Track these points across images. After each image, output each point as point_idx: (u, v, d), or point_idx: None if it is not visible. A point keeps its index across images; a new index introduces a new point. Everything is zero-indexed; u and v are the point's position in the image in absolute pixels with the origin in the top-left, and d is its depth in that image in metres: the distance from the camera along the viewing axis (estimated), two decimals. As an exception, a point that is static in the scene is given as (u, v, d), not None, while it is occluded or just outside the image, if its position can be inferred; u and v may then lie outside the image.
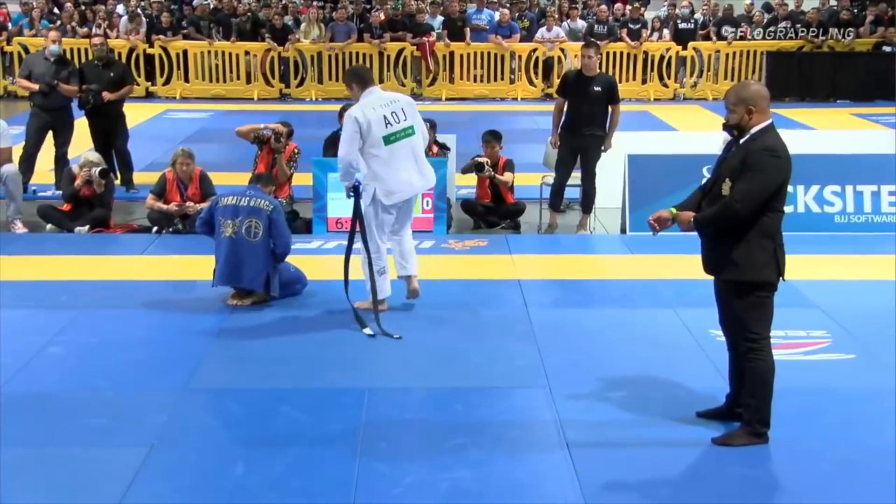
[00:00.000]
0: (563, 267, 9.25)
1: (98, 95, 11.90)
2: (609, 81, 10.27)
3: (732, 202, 5.27)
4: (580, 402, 6.13)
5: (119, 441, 5.58)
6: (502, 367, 6.71)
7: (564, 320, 7.69)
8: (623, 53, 20.75)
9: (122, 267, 9.03)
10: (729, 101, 5.44)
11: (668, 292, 8.22)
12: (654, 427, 5.78)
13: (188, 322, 7.57)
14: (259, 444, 5.58)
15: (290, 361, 6.81)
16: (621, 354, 6.94)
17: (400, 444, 5.57)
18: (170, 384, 6.37)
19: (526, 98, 20.60)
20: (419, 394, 6.27)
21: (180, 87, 20.53)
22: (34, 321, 7.55)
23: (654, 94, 20.80)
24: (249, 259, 7.73)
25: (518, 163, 12.86)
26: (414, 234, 9.09)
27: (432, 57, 20.60)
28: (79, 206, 10.30)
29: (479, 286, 8.52)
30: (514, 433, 5.74)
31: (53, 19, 21.35)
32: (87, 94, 11.95)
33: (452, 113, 17.17)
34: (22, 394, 6.21)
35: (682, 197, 5.78)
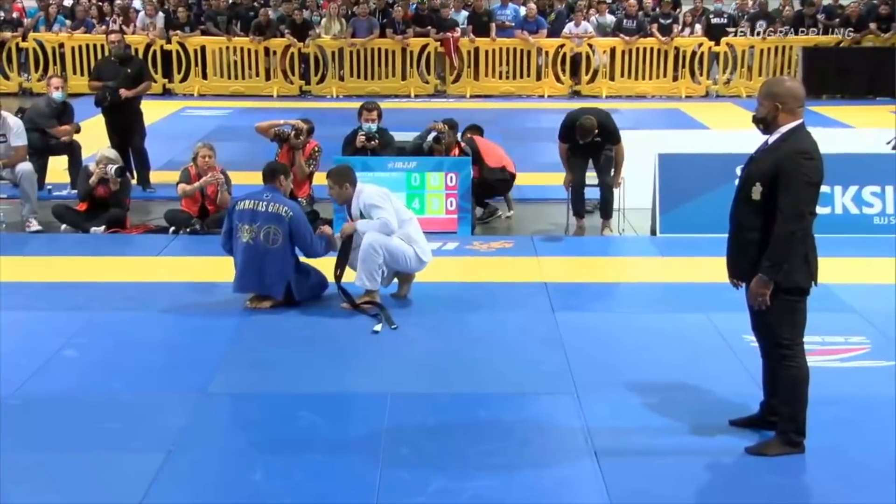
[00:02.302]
0: (590, 269, 9.24)
1: (115, 93, 11.98)
2: (605, 127, 10.14)
3: (785, 224, 5.21)
4: (608, 408, 6.12)
5: (135, 446, 5.62)
6: (528, 373, 6.71)
7: (592, 324, 7.68)
8: (653, 49, 20.70)
9: (139, 268, 9.10)
10: (760, 94, 5.45)
11: (700, 296, 8.18)
12: (685, 435, 5.76)
13: (206, 324, 7.61)
14: (278, 449, 5.60)
15: (310, 365, 6.84)
16: (651, 360, 6.92)
17: (423, 451, 5.58)
18: (187, 388, 6.41)
19: (553, 95, 20.57)
20: (443, 399, 6.28)
21: (198, 84, 20.63)
22: (49, 323, 7.61)
23: (686, 92, 20.73)
24: (268, 265, 7.76)
25: (544, 162, 12.88)
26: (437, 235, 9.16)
27: (457, 53, 20.61)
28: (94, 206, 10.37)
29: (504, 289, 8.52)
30: (540, 440, 5.74)
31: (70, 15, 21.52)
32: (104, 91, 12.03)
33: (477, 111, 17.17)
34: (37, 397, 6.26)
35: (714, 198, 5.81)
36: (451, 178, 10.34)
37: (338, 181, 7.93)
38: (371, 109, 10.81)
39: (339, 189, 7.91)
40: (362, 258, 7.78)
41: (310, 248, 7.91)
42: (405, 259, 7.91)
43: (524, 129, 16.66)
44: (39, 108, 11.74)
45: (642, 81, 20.84)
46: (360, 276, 7.84)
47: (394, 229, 7.84)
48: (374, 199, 7.88)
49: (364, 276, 7.83)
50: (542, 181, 12.33)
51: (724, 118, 17.55)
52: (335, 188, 7.93)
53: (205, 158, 10.13)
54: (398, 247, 7.85)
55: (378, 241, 7.76)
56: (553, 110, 18.00)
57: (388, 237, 7.80)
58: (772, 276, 5.28)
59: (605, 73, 20.82)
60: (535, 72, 20.93)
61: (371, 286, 7.86)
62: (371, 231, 7.78)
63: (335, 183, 7.93)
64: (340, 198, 7.99)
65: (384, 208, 7.85)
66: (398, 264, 7.92)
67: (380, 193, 7.99)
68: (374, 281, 7.85)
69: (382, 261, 7.80)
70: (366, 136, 10.68)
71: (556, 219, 10.80)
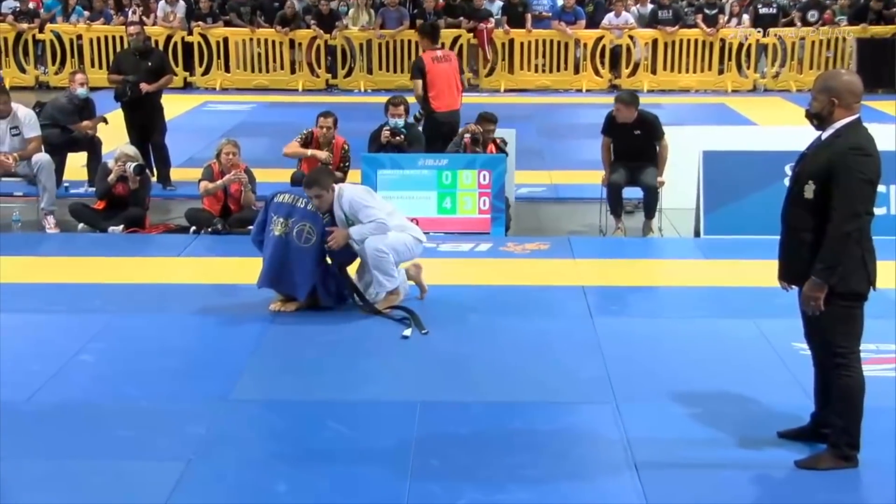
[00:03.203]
0: (630, 272, 9.20)
1: (135, 87, 12.06)
2: (649, 121, 10.26)
3: (839, 224, 5.17)
4: (650, 419, 6.09)
5: (154, 454, 5.64)
6: (565, 381, 6.69)
7: (632, 330, 7.64)
8: (698, 41, 20.60)
9: (159, 269, 9.14)
10: (814, 88, 5.41)
11: (747, 301, 8.14)
12: (730, 448, 5.72)
13: (228, 328, 7.64)
14: (303, 459, 5.61)
15: (336, 371, 6.84)
16: (695, 368, 6.89)
17: (454, 463, 5.57)
18: (208, 394, 6.43)
19: (591, 90, 20.52)
20: (475, 408, 6.27)
21: (220, 78, 20.73)
22: (65, 326, 7.66)
23: (732, 86, 20.63)
24: (297, 264, 7.77)
25: (581, 160, 12.86)
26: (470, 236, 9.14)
27: (490, 45, 20.59)
28: (113, 205, 10.43)
29: (539, 292, 8.50)
30: (577, 452, 5.72)
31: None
32: (125, 86, 12.12)
33: (511, 106, 17.16)
34: (52, 403, 6.30)
35: (761, 198, 5.77)
36: (485, 176, 10.32)
37: (325, 185, 7.79)
38: (398, 104, 10.81)
39: (327, 193, 7.78)
40: (374, 264, 7.78)
41: (341, 255, 7.90)
42: (407, 249, 7.97)
43: (561, 126, 16.64)
44: (60, 103, 11.83)
45: (686, 75, 20.75)
46: (377, 281, 7.84)
47: (389, 228, 7.85)
48: (361, 199, 7.86)
49: (383, 280, 7.82)
50: (580, 180, 12.31)
51: (773, 114, 17.45)
52: (324, 194, 7.74)
53: (229, 155, 10.17)
54: (399, 240, 7.90)
55: (381, 242, 7.77)
56: (591, 105, 17.96)
57: (385, 236, 7.82)
58: (826, 280, 5.23)
59: (646, 66, 20.74)
60: (572, 65, 20.88)
61: (391, 285, 7.86)
62: (369, 236, 7.79)
63: (323, 189, 7.75)
64: (326, 204, 7.80)
65: (373, 206, 7.85)
66: (403, 256, 7.98)
67: (364, 190, 8.03)
68: (393, 279, 7.87)
69: (391, 259, 7.82)
70: (391, 131, 10.68)
71: (593, 219, 10.77)
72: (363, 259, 7.94)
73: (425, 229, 8.51)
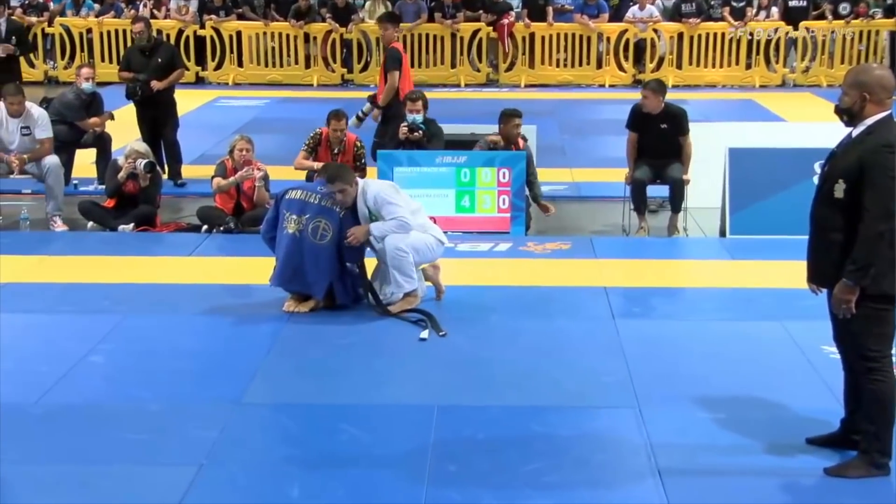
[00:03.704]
0: (654, 273, 9.18)
1: (146, 86, 12.11)
2: (676, 115, 10.27)
3: (871, 224, 5.15)
4: (674, 424, 6.08)
5: (165, 459, 5.67)
6: (586, 385, 6.68)
7: (656, 332, 7.64)
8: (725, 34, 20.54)
9: (170, 269, 9.18)
10: (845, 83, 5.40)
11: (774, 302, 8.12)
12: (757, 454, 5.71)
13: (241, 330, 7.66)
14: (317, 464, 5.62)
15: (351, 374, 6.86)
16: (720, 372, 6.87)
17: (472, 468, 5.58)
18: (220, 397, 6.45)
19: (615, 85, 20.50)
20: (493, 412, 6.27)
21: (233, 72, 20.78)
22: (74, 327, 7.69)
23: (760, 81, 20.56)
24: (312, 261, 7.78)
25: (604, 157, 12.84)
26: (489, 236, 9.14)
27: (510, 39, 20.59)
28: (123, 203, 10.46)
29: (560, 293, 8.50)
30: (599, 458, 5.72)
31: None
32: (134, 85, 12.17)
33: (532, 101, 17.15)
34: (61, 406, 6.33)
35: (789, 196, 5.75)
36: (504, 173, 10.32)
37: (348, 180, 7.81)
38: (415, 99, 10.82)
39: (351, 188, 7.80)
40: (393, 264, 7.79)
41: (353, 253, 7.91)
42: (428, 250, 7.97)
43: (583, 122, 16.62)
44: (67, 99, 11.87)
45: (712, 70, 20.69)
46: (395, 281, 7.86)
47: (411, 226, 7.86)
48: (387, 195, 7.86)
49: (401, 280, 7.84)
50: (602, 178, 12.30)
51: (802, 110, 17.40)
52: (347, 188, 7.76)
53: (242, 152, 10.19)
54: (420, 241, 7.90)
55: (402, 241, 7.78)
56: (614, 101, 17.96)
57: (407, 234, 7.82)
58: (857, 282, 5.21)
59: (671, 60, 20.70)
60: (595, 59, 20.85)
61: (410, 287, 7.86)
62: (390, 234, 7.80)
63: (347, 183, 7.77)
64: (349, 199, 7.82)
65: (398, 204, 7.86)
66: (424, 258, 7.97)
67: (390, 186, 8.02)
68: (412, 280, 7.87)
69: (412, 259, 7.82)
70: (409, 127, 10.68)
71: (616, 218, 10.76)
72: (381, 258, 7.95)
73: (443, 228, 8.51)
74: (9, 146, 10.62)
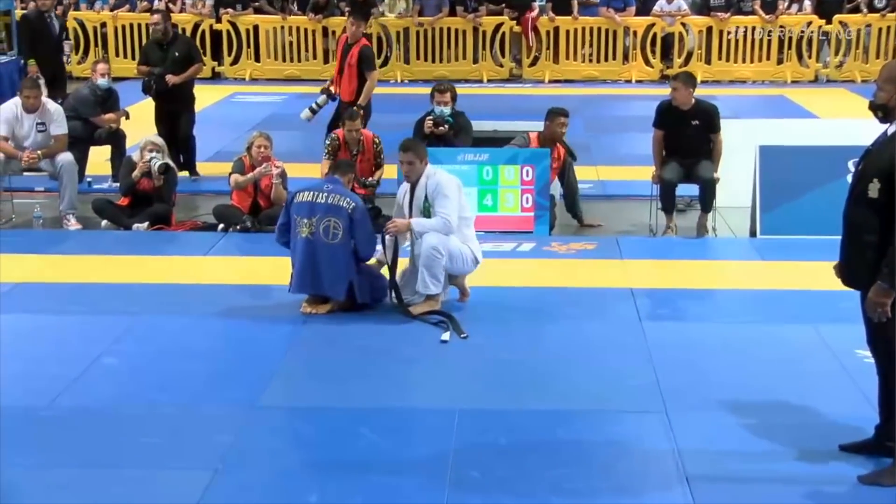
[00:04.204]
0: (682, 274, 9.17)
1: (161, 80, 12.15)
2: (708, 111, 10.23)
3: None
4: (702, 429, 6.07)
5: (179, 463, 5.69)
6: (612, 388, 6.68)
7: (684, 335, 7.63)
8: (755, 29, 20.47)
9: (185, 268, 9.21)
10: (880, 78, 5.39)
11: (806, 305, 8.11)
12: (788, 461, 5.69)
13: (257, 331, 7.68)
14: (335, 470, 5.63)
15: (371, 377, 6.87)
16: (751, 376, 6.85)
17: (494, 474, 5.57)
18: (236, 400, 6.47)
19: (641, 80, 20.44)
20: (516, 417, 6.27)
21: (250, 68, 20.82)
22: (87, 328, 7.73)
23: (792, 76, 20.47)
24: (328, 263, 7.79)
25: (630, 154, 12.80)
26: (512, 235, 9.13)
27: (534, 33, 20.57)
28: (137, 201, 10.49)
29: (585, 295, 8.49)
30: (625, 464, 5.71)
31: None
32: (150, 79, 12.22)
33: (556, 97, 17.10)
34: (73, 408, 6.37)
35: (822, 195, 5.74)
36: (528, 171, 10.31)
37: (420, 155, 8.00)
38: (444, 91, 10.79)
39: (419, 164, 7.96)
40: (425, 263, 7.81)
41: (367, 247, 7.93)
42: (462, 261, 7.97)
43: (609, 118, 16.59)
44: (82, 95, 11.92)
45: (742, 65, 20.61)
46: (422, 280, 7.87)
47: (453, 230, 7.87)
48: (448, 189, 7.89)
49: (428, 281, 7.85)
50: (628, 176, 12.26)
51: (836, 106, 17.31)
52: (416, 162, 7.94)
53: (260, 149, 10.21)
54: (457, 248, 7.91)
55: (440, 242, 7.79)
56: (641, 97, 17.92)
57: (447, 237, 7.82)
58: (892, 284, 5.18)
59: (699, 55, 20.63)
60: (621, 54, 20.79)
61: (435, 290, 7.88)
62: (430, 232, 7.80)
63: (418, 157, 7.96)
64: (415, 174, 7.97)
65: (453, 201, 7.87)
66: (454, 267, 7.96)
67: (455, 183, 8.02)
68: (438, 284, 7.88)
69: (444, 263, 7.83)
70: (434, 120, 10.64)
71: (643, 218, 10.73)
72: (414, 254, 7.95)
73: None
74: (23, 142, 10.65)
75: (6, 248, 9.61)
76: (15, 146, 10.61)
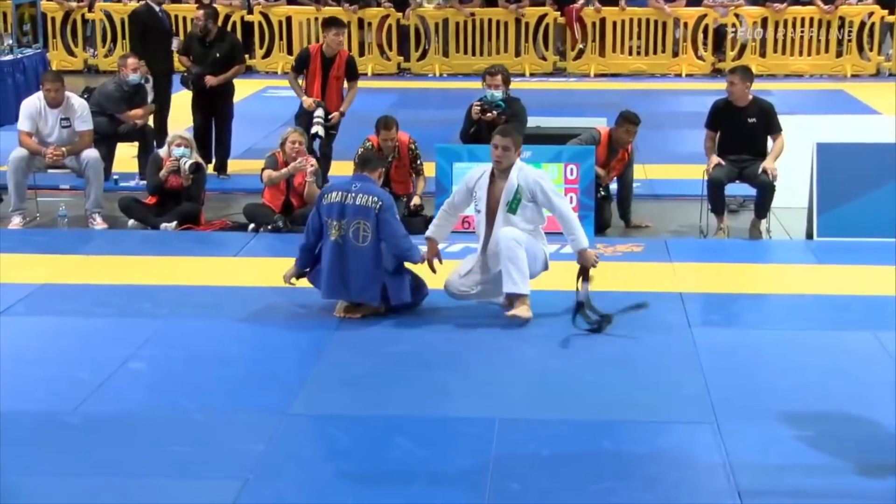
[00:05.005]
0: (734, 278, 9.14)
1: (199, 80, 12.25)
2: (766, 110, 10.19)
3: None
4: (755, 441, 6.05)
5: (208, 472, 5.72)
6: (659, 398, 6.66)
7: (736, 343, 7.60)
8: (813, 20, 20.36)
9: (215, 270, 9.27)
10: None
11: (866, 310, 8.06)
12: (847, 475, 5.66)
13: (289, 335, 7.72)
14: (369, 480, 5.65)
15: (406, 384, 6.88)
16: (807, 385, 6.83)
17: (536, 486, 5.57)
18: (267, 408, 6.50)
19: (692, 74, 20.38)
20: (559, 427, 6.27)
21: (282, 61, 20.88)
22: (114, 331, 7.79)
23: (852, 70, 20.35)
24: (356, 267, 7.81)
25: (679, 152, 12.77)
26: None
27: (580, 24, 20.54)
28: (165, 200, 10.56)
29: (632, 300, 8.44)
30: (673, 477, 5.70)
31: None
32: (188, 78, 12.33)
33: (602, 92, 17.13)
34: (99, 415, 6.42)
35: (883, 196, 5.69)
36: (572, 170, 10.29)
37: (517, 143, 8.00)
38: (494, 73, 10.74)
39: (513, 152, 7.95)
40: (508, 255, 7.72)
41: (399, 243, 7.87)
42: (534, 260, 7.94)
43: (657, 114, 16.45)
44: (108, 89, 12.00)
45: (799, 58, 20.51)
46: (509, 277, 7.76)
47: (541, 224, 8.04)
48: (550, 184, 7.94)
49: (516, 277, 7.75)
50: (677, 174, 12.24)
51: (898, 101, 17.18)
52: (511, 149, 7.91)
53: (294, 144, 10.24)
54: (532, 244, 7.90)
55: (516, 234, 7.77)
56: (691, 92, 17.88)
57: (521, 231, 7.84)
58: None
59: (754, 48, 20.55)
60: (671, 47, 20.75)
61: (525, 289, 7.80)
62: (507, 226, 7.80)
63: (515, 145, 7.95)
64: (507, 162, 7.94)
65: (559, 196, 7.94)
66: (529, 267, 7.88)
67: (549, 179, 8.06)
68: (527, 281, 7.81)
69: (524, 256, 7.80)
70: (481, 106, 10.57)
71: (693, 218, 10.69)
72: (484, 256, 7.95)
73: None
74: (47, 138, 10.71)
75: (30, 247, 9.72)
76: (38, 142, 10.69)
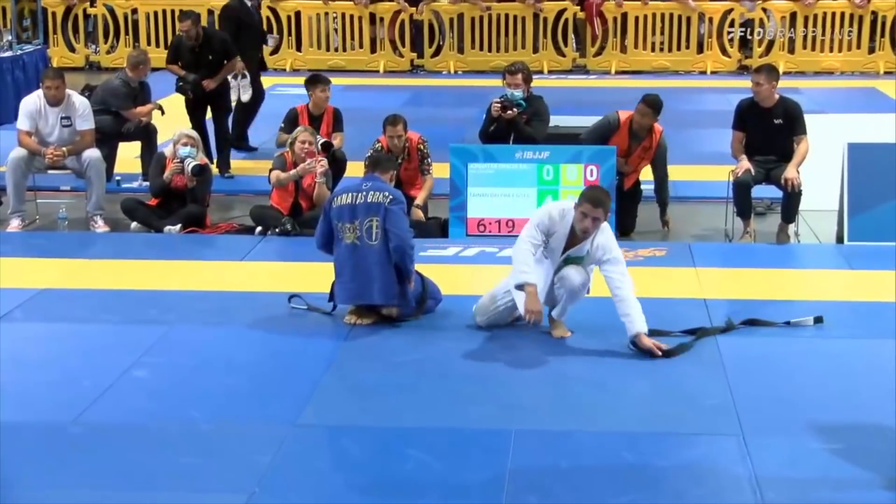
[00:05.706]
0: (761, 284, 9.14)
1: (196, 87, 12.34)
2: (791, 111, 10.19)
3: None
4: (782, 454, 6.05)
5: (214, 485, 5.73)
6: (683, 409, 6.66)
7: (763, 351, 7.59)
8: (844, 14, 20.32)
9: (221, 274, 9.30)
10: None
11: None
12: (877, 490, 5.65)
13: (298, 343, 7.73)
14: (381, 493, 5.66)
15: (420, 394, 6.90)
16: (837, 396, 6.82)
17: (554, 499, 5.58)
18: (275, 418, 6.52)
19: (717, 71, 20.38)
20: (578, 438, 6.27)
21: (291, 58, 20.97)
22: (116, 338, 7.81)
23: (885, 67, 20.31)
24: (377, 268, 7.82)
25: (706, 152, 12.77)
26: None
27: (600, 19, 20.55)
28: (169, 201, 10.60)
29: (655, 306, 8.43)
30: (697, 491, 5.70)
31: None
32: (185, 87, 12.40)
33: (623, 90, 17.08)
34: (102, 424, 6.44)
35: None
36: (592, 171, 10.30)
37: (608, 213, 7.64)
38: (514, 72, 10.74)
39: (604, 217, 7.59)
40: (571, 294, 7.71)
41: (404, 236, 7.82)
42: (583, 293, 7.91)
43: (681, 113, 16.43)
44: (113, 86, 12.03)
45: (829, 55, 20.49)
46: (563, 308, 7.79)
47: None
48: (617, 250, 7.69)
49: (569, 309, 7.82)
50: (702, 176, 12.24)
51: (932, 100, 17.17)
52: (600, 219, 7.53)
53: (304, 144, 10.27)
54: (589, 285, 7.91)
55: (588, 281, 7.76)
56: (717, 89, 17.87)
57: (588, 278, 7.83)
58: None
59: (782, 44, 20.52)
60: (695, 43, 20.75)
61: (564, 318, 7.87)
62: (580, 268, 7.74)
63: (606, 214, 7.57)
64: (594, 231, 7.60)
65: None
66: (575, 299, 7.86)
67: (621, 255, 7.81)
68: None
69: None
70: (501, 103, 10.57)
71: (718, 222, 10.69)
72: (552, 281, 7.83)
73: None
74: (47, 138, 10.75)
75: (30, 251, 9.76)
76: (38, 142, 10.72)
